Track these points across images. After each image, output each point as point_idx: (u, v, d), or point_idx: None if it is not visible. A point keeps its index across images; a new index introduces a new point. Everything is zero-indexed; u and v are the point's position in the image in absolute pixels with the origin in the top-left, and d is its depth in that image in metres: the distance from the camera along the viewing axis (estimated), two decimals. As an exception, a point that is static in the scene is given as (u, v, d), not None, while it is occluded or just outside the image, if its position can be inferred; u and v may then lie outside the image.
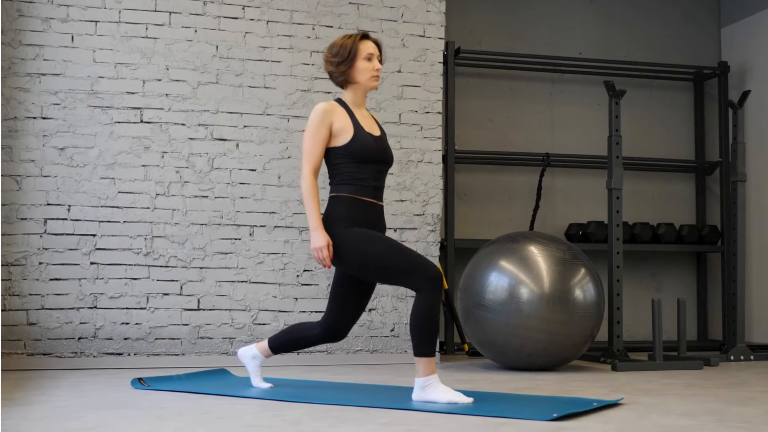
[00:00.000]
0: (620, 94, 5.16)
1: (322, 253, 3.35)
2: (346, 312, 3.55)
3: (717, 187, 6.72)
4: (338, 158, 3.44)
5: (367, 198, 3.44)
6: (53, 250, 4.69)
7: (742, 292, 5.48)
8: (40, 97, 4.73)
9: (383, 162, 3.50)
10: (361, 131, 3.45)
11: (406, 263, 3.29)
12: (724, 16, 6.86)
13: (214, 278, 4.89)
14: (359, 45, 3.49)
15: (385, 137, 3.59)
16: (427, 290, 3.25)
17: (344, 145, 3.42)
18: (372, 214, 3.46)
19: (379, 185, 3.49)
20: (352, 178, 3.42)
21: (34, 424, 2.79)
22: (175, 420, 2.89)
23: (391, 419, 2.92)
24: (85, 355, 4.69)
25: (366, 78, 3.50)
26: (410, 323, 3.28)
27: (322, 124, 3.41)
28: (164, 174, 4.86)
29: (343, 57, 3.47)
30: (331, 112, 3.44)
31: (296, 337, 3.66)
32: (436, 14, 5.33)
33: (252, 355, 3.76)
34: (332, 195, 3.46)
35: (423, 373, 3.29)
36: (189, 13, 4.95)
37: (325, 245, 3.35)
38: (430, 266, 3.28)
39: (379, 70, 3.53)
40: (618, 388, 3.89)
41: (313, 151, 3.41)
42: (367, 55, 3.49)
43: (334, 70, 3.51)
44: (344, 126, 3.43)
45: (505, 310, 4.52)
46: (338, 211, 3.41)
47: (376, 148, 3.47)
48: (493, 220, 6.30)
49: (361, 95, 3.55)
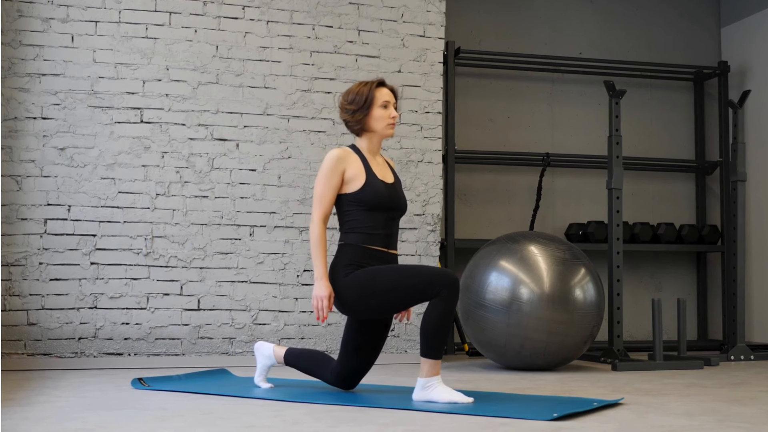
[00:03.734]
0: (620, 94, 5.17)
1: (322, 303, 3.31)
2: (359, 360, 3.51)
3: (717, 187, 6.72)
4: (348, 205, 3.41)
5: (376, 247, 3.40)
6: (53, 251, 4.69)
7: (742, 292, 5.48)
8: (40, 97, 4.73)
9: (395, 209, 3.46)
10: (373, 178, 3.42)
11: (421, 278, 3.25)
12: (724, 15, 6.86)
13: (214, 278, 4.89)
14: (375, 93, 3.46)
15: (399, 185, 3.55)
16: (445, 295, 3.21)
17: (355, 192, 3.39)
18: (383, 262, 3.41)
19: (389, 233, 3.44)
20: (361, 226, 3.39)
21: (34, 424, 2.79)
22: (175, 420, 2.89)
23: (391, 419, 2.92)
24: (86, 356, 4.69)
25: (382, 126, 3.47)
26: (423, 324, 3.25)
27: (335, 171, 3.39)
28: (164, 174, 4.86)
29: (359, 105, 3.44)
30: (345, 159, 3.41)
31: (311, 366, 3.63)
32: (436, 14, 5.33)
33: (267, 355, 3.74)
34: (341, 243, 3.43)
35: (427, 374, 3.27)
36: (189, 13, 4.95)
37: (326, 296, 3.32)
38: (447, 273, 3.26)
39: (395, 118, 3.49)
40: (618, 388, 3.89)
41: (324, 198, 3.38)
42: (383, 102, 3.46)
43: (349, 119, 3.48)
44: (357, 173, 3.40)
45: (505, 310, 4.52)
46: (344, 260, 3.37)
47: (388, 195, 3.43)
48: (493, 220, 6.30)
49: (376, 143, 3.52)
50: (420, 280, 3.25)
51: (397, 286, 3.28)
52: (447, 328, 3.27)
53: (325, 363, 3.61)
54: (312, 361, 3.64)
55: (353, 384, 3.58)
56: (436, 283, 3.22)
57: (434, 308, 3.22)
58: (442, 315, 3.22)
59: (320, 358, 3.64)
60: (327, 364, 3.60)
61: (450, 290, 3.22)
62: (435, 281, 3.22)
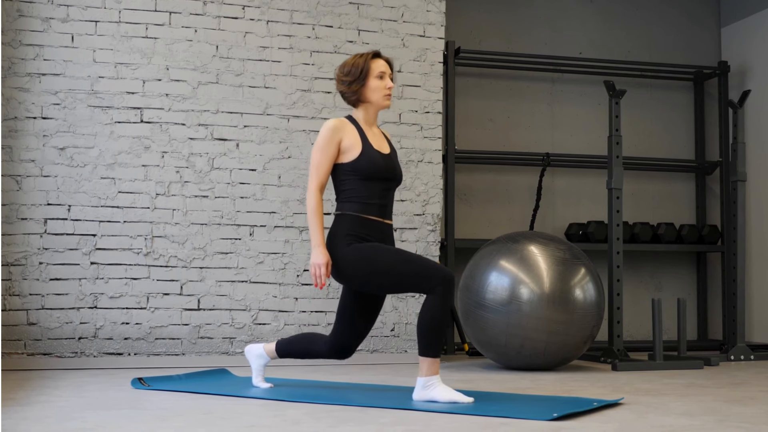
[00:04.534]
0: (620, 94, 5.17)
1: (320, 270, 3.32)
2: (354, 329, 3.52)
3: (717, 187, 6.72)
4: (345, 175, 3.43)
5: (372, 216, 3.41)
6: (53, 250, 4.69)
7: (742, 292, 5.48)
8: (40, 97, 4.73)
9: (390, 180, 3.48)
10: (369, 148, 3.43)
11: (417, 268, 3.27)
12: (724, 16, 6.86)
13: (214, 278, 4.89)
14: (371, 64, 3.49)
15: (395, 155, 3.57)
16: (440, 292, 3.22)
17: (351, 161, 3.41)
18: (379, 231, 3.43)
19: (385, 203, 3.45)
20: (357, 196, 3.40)
21: (34, 424, 2.79)
22: (175, 420, 2.89)
23: (391, 419, 2.92)
24: (86, 355, 4.69)
25: (378, 97, 3.49)
26: (419, 323, 3.26)
27: (332, 140, 3.40)
28: (164, 174, 4.86)
29: (355, 76, 3.46)
30: (341, 129, 3.43)
31: (304, 347, 3.64)
32: (436, 14, 5.33)
33: (258, 354, 3.75)
34: (337, 213, 3.44)
35: (426, 373, 3.28)
36: (189, 13, 4.95)
37: (324, 263, 3.33)
38: (442, 268, 3.27)
39: (391, 88, 3.51)
40: (618, 388, 3.89)
41: (321, 167, 3.40)
42: (379, 73, 3.48)
43: (346, 90, 3.50)
44: (353, 143, 3.42)
45: (505, 310, 4.52)
46: (342, 230, 3.38)
47: (384, 165, 3.45)
48: (493, 220, 6.30)
49: (373, 114, 3.54)
50: (418, 270, 3.26)
51: (395, 270, 3.29)
52: (444, 326, 3.27)
53: (317, 339, 3.63)
54: (304, 343, 3.65)
55: (348, 354, 3.58)
56: (432, 278, 3.23)
57: (430, 305, 3.23)
58: (439, 312, 3.23)
59: (311, 338, 3.66)
60: (319, 340, 3.62)
61: (445, 287, 3.22)
62: (431, 275, 3.23)
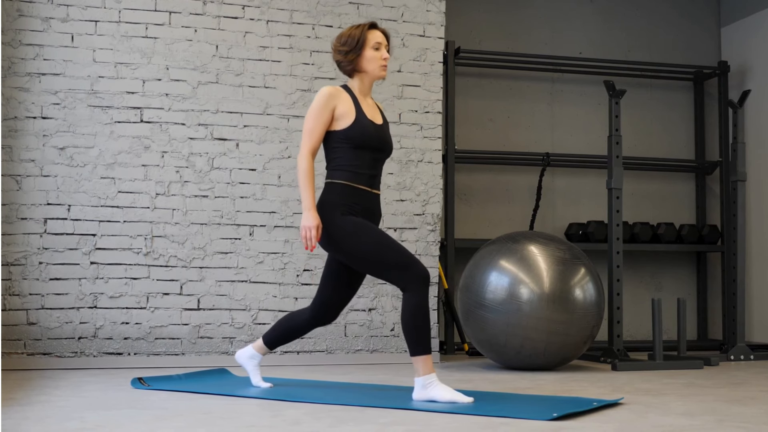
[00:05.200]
0: (620, 93, 5.16)
1: (311, 232, 3.36)
2: (337, 295, 3.59)
3: (717, 187, 6.72)
4: (337, 142, 3.46)
5: (361, 186, 3.45)
6: (53, 250, 4.69)
7: (742, 292, 5.48)
8: (40, 96, 4.73)
9: (381, 150, 3.52)
10: (363, 117, 3.47)
11: (398, 259, 3.31)
12: (724, 15, 6.86)
13: (214, 278, 4.89)
14: (367, 34, 3.52)
15: (387, 127, 3.61)
16: (416, 288, 3.27)
17: (344, 129, 3.44)
18: (367, 201, 3.47)
19: (374, 174, 3.50)
20: (348, 164, 3.44)
21: (34, 423, 2.79)
22: (175, 420, 2.89)
23: (391, 419, 2.92)
24: (85, 355, 4.69)
25: (374, 67, 3.52)
26: (403, 324, 3.30)
27: (326, 107, 3.44)
28: (164, 174, 4.86)
29: (351, 46, 3.50)
30: (336, 96, 3.46)
31: (288, 327, 3.68)
32: (436, 14, 5.33)
33: (249, 355, 3.77)
34: (328, 181, 3.48)
35: (423, 372, 3.30)
36: (189, 13, 4.95)
37: (314, 226, 3.36)
38: (420, 264, 3.31)
39: (387, 59, 3.55)
40: (618, 388, 3.89)
41: (314, 132, 3.44)
42: (375, 44, 3.52)
43: (342, 59, 3.53)
44: (346, 111, 3.45)
45: (505, 310, 4.52)
46: (333, 198, 3.42)
47: (376, 135, 3.49)
48: (493, 219, 6.30)
49: (368, 84, 3.58)
50: (398, 261, 3.30)
51: (376, 255, 3.33)
52: (427, 322, 3.30)
53: (295, 315, 3.67)
54: (285, 323, 3.68)
55: (331, 318, 3.63)
56: (409, 274, 3.28)
57: (409, 304, 3.28)
58: (419, 309, 3.27)
59: (289, 317, 3.69)
60: (297, 316, 3.66)
61: (421, 284, 3.27)
62: (409, 268, 3.28)
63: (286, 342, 3.73)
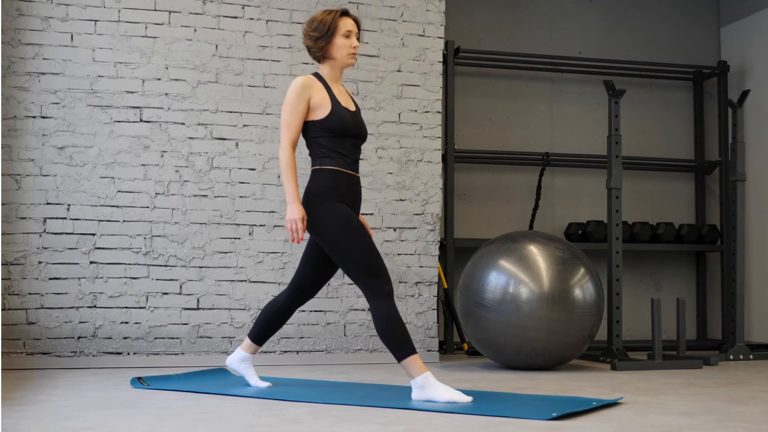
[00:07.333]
0: (620, 93, 5.17)
1: (297, 225, 3.38)
2: (316, 275, 3.63)
3: (716, 187, 6.72)
4: (316, 132, 3.49)
5: (347, 170, 3.50)
6: (53, 250, 4.69)
7: (742, 292, 5.48)
8: (39, 96, 4.73)
9: (358, 137, 3.57)
10: (338, 106, 3.50)
11: (373, 266, 3.36)
12: (724, 15, 6.86)
13: (213, 277, 4.89)
14: (339, 21, 3.53)
15: (359, 113, 3.65)
16: (385, 299, 3.33)
17: (322, 119, 3.47)
18: (352, 184, 3.52)
19: (355, 158, 3.57)
20: (332, 152, 3.48)
21: (34, 423, 2.79)
22: (175, 419, 2.89)
23: (391, 419, 2.92)
24: (85, 355, 4.69)
25: (343, 55, 3.54)
26: (380, 335, 3.34)
27: (301, 98, 3.46)
28: (164, 173, 4.86)
29: (322, 32, 3.51)
30: (310, 86, 3.49)
31: (267, 318, 3.69)
32: (436, 14, 5.33)
33: (240, 358, 3.78)
34: (315, 168, 3.51)
35: (416, 373, 3.31)
36: (188, 13, 4.95)
37: (300, 218, 3.38)
38: (388, 278, 3.38)
39: (356, 47, 3.57)
40: (617, 388, 3.89)
41: (292, 125, 3.46)
42: (345, 32, 3.53)
43: (312, 45, 3.55)
44: (322, 100, 3.48)
45: (505, 310, 4.52)
46: (323, 184, 3.45)
47: (353, 123, 3.54)
48: (493, 219, 6.30)
49: (338, 71, 3.60)
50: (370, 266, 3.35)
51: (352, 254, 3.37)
52: (401, 324, 3.34)
53: (272, 304, 3.69)
54: (265, 316, 3.70)
55: (310, 295, 3.68)
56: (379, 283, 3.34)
57: (380, 314, 3.32)
58: (390, 320, 3.32)
59: (266, 308, 3.71)
60: (274, 303, 3.68)
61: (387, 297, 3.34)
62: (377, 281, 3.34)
63: (273, 332, 3.74)
